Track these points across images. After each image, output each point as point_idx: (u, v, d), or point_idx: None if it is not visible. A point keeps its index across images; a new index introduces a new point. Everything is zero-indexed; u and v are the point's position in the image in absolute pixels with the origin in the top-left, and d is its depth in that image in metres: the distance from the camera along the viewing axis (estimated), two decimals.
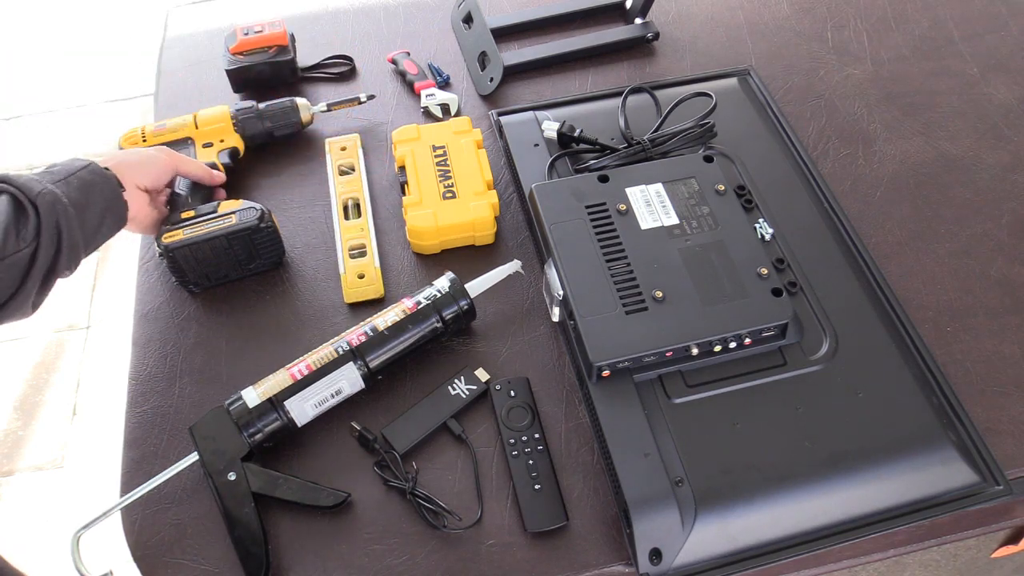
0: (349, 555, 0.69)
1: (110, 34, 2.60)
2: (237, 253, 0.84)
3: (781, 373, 0.74)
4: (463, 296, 0.79)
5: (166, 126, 0.93)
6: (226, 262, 0.84)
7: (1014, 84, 1.02)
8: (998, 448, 0.72)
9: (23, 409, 1.76)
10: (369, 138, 1.00)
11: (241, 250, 0.84)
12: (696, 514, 0.67)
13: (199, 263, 0.83)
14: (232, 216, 0.83)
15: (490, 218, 0.87)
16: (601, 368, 0.72)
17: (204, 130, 0.93)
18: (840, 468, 0.69)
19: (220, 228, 0.82)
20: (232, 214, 0.83)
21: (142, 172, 0.81)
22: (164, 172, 0.84)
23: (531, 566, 0.68)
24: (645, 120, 0.94)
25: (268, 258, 0.86)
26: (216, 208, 0.84)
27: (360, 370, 0.75)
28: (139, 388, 0.80)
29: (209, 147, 0.92)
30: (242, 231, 0.82)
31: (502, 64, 1.02)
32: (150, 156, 0.83)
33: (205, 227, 0.82)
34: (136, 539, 0.71)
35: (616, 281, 0.75)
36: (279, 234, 0.86)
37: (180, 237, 0.81)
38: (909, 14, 1.12)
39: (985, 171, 0.94)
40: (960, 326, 0.81)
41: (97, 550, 0.77)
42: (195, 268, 0.83)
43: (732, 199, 0.81)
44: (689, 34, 1.10)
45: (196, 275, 0.84)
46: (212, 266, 0.84)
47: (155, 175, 0.83)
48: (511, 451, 0.73)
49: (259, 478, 0.71)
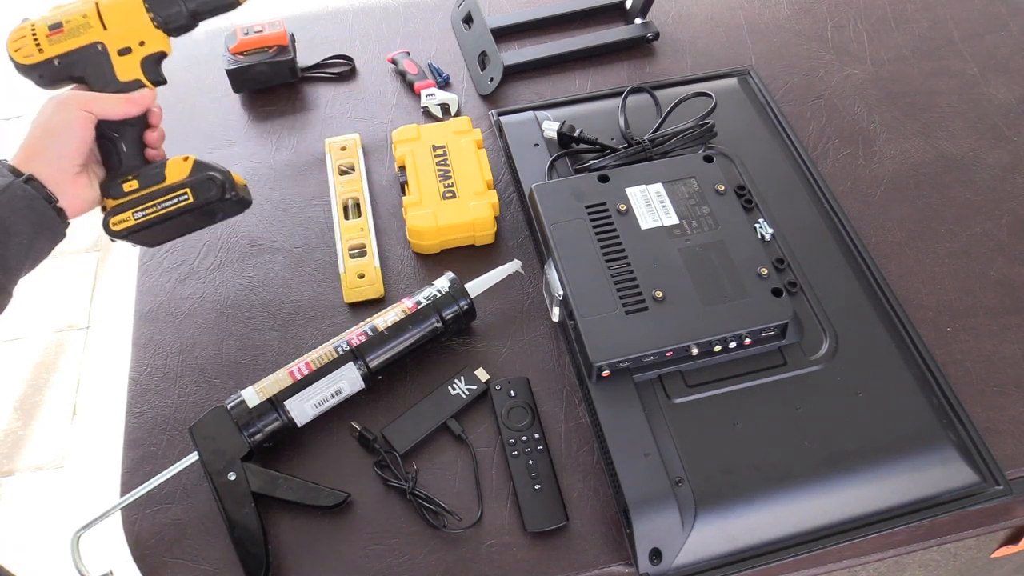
0: (349, 555, 0.69)
1: None
2: (199, 220, 0.76)
3: (781, 373, 0.74)
4: (463, 296, 0.79)
5: (63, 26, 0.71)
6: (187, 227, 0.77)
7: (1014, 84, 1.02)
8: (998, 448, 0.72)
9: (23, 409, 1.76)
10: (369, 138, 1.00)
11: (203, 218, 0.76)
12: (696, 514, 0.67)
13: (155, 238, 0.76)
14: (185, 191, 0.73)
15: (490, 218, 0.87)
16: (601, 368, 0.72)
17: (116, 30, 0.71)
18: (840, 468, 0.69)
19: (174, 208, 0.73)
20: (185, 188, 0.73)
21: (65, 155, 0.69)
22: (85, 136, 0.70)
23: (531, 566, 0.68)
24: (645, 120, 0.94)
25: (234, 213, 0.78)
26: (163, 177, 0.73)
27: (360, 370, 0.75)
28: (139, 388, 0.80)
29: (127, 54, 0.72)
30: (201, 206, 0.73)
31: (502, 64, 1.02)
32: (64, 126, 0.69)
33: (156, 208, 0.72)
34: (136, 539, 0.71)
35: (616, 281, 0.75)
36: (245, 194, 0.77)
37: (130, 223, 0.72)
38: (909, 14, 1.12)
39: (985, 171, 0.94)
40: (960, 326, 0.81)
41: (97, 550, 0.77)
42: (152, 241, 0.76)
43: (732, 199, 0.81)
44: (689, 34, 1.10)
45: (153, 242, 0.77)
46: (171, 233, 0.76)
47: (77, 147, 0.70)
48: (511, 451, 0.73)
49: (259, 478, 0.71)
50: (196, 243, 0.89)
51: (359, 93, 1.04)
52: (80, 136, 0.70)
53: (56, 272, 1.98)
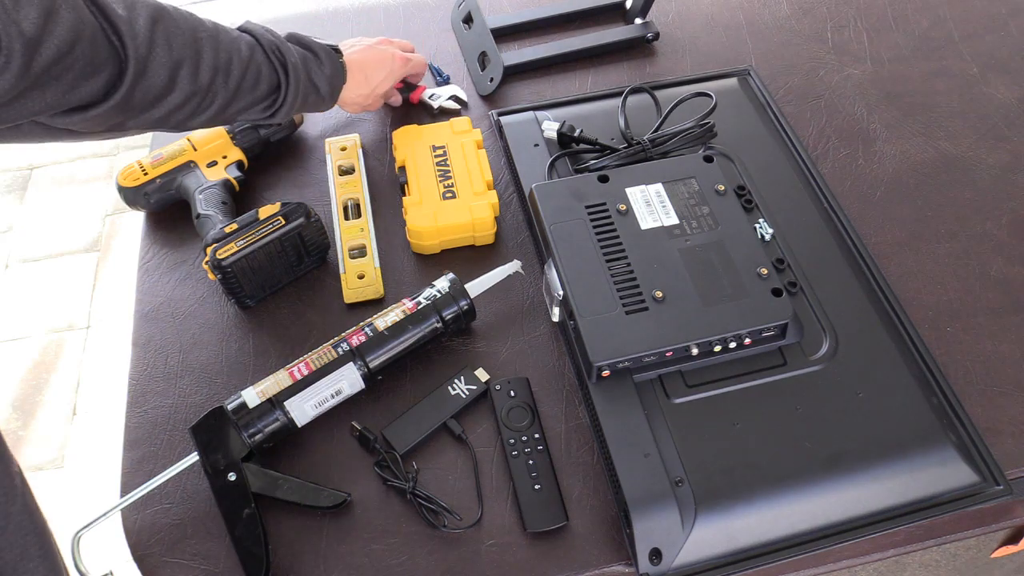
0: (349, 555, 0.69)
1: None
2: (288, 255, 0.84)
3: (781, 373, 0.74)
4: (463, 296, 0.79)
5: (164, 155, 0.91)
6: (280, 267, 0.84)
7: (1014, 84, 1.02)
8: (998, 448, 0.72)
9: (23, 409, 1.76)
10: (369, 138, 1.00)
11: (292, 251, 0.84)
12: (696, 514, 0.67)
13: (255, 273, 0.82)
14: (278, 218, 0.82)
15: (490, 218, 0.87)
16: (601, 368, 0.72)
17: (204, 151, 0.91)
18: (840, 468, 0.69)
19: (271, 232, 0.81)
20: (277, 216, 0.82)
21: (371, 81, 0.91)
22: (391, 81, 0.95)
23: (531, 566, 0.68)
24: (645, 120, 0.94)
25: (316, 255, 0.87)
26: (257, 216, 0.83)
27: (360, 370, 0.75)
28: (139, 388, 0.80)
29: (214, 166, 0.91)
30: (293, 230, 0.82)
31: (502, 64, 1.02)
32: (388, 69, 0.93)
33: (255, 235, 0.81)
34: (136, 539, 0.71)
35: (616, 281, 0.75)
36: (324, 227, 0.86)
37: (234, 250, 0.80)
38: (909, 14, 1.12)
39: (985, 171, 0.94)
40: (960, 326, 0.81)
41: (97, 550, 0.77)
42: (251, 279, 0.82)
43: (732, 199, 0.81)
44: (689, 34, 1.10)
45: (252, 287, 0.83)
46: (267, 274, 0.83)
47: (382, 83, 0.93)
48: (511, 451, 0.73)
49: (259, 478, 0.71)
50: (196, 243, 0.89)
51: None
52: (390, 80, 0.95)
53: (56, 272, 1.98)
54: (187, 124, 0.73)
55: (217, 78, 0.71)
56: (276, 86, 0.77)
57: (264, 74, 0.76)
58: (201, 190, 0.88)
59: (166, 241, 0.92)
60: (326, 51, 0.82)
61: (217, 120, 0.75)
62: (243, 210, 0.87)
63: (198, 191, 0.88)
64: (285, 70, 0.77)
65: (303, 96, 0.80)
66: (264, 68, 0.75)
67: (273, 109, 0.78)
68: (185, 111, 0.70)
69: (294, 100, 0.79)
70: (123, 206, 0.92)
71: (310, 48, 0.82)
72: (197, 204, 0.87)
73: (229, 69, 0.72)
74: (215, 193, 0.88)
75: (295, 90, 0.78)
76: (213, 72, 0.70)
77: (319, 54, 0.82)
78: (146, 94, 0.66)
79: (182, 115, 0.71)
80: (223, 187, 0.89)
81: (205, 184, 0.89)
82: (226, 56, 0.72)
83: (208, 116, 0.73)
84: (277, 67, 0.77)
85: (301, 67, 0.79)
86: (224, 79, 0.72)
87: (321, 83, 0.82)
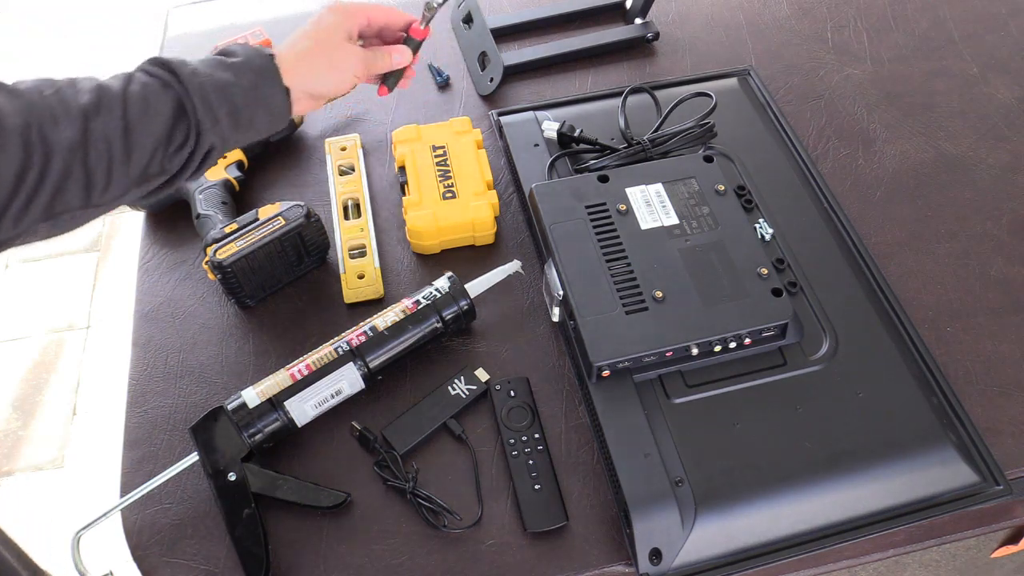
0: (349, 555, 0.69)
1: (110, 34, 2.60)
2: (288, 255, 0.84)
3: (781, 373, 0.74)
4: (463, 296, 0.79)
5: None
6: (280, 267, 0.84)
7: (1014, 84, 1.02)
8: (998, 448, 0.72)
9: (23, 409, 1.76)
10: (369, 138, 1.00)
11: (292, 251, 0.84)
12: (696, 514, 0.67)
13: (255, 273, 0.82)
14: (278, 219, 0.82)
15: (490, 218, 0.87)
16: (601, 368, 0.72)
17: None
18: (840, 468, 0.69)
19: (271, 232, 0.81)
20: (277, 216, 0.82)
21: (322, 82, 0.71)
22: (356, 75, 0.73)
23: (531, 566, 0.68)
24: (645, 120, 0.93)
25: (316, 255, 0.87)
26: (256, 216, 0.83)
27: (360, 370, 0.75)
28: (139, 388, 0.80)
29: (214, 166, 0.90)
30: (293, 230, 0.82)
31: (502, 64, 1.02)
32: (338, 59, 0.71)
33: (255, 235, 0.81)
34: (136, 539, 0.71)
35: (616, 281, 0.75)
36: (324, 227, 0.86)
37: (234, 250, 0.80)
38: (909, 14, 1.12)
39: (985, 171, 0.94)
40: (960, 326, 0.81)
41: (97, 550, 0.77)
42: (251, 279, 0.82)
43: (732, 199, 0.81)
44: (689, 34, 1.10)
45: (252, 287, 0.83)
46: (267, 274, 0.83)
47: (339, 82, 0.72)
48: (511, 451, 0.73)
49: (259, 478, 0.71)
50: (196, 243, 0.89)
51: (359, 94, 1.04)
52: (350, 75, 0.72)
53: (56, 272, 1.98)
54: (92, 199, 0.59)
55: (91, 122, 0.58)
56: (178, 104, 0.62)
57: (152, 93, 0.61)
58: (201, 190, 0.88)
59: (166, 241, 0.91)
60: (240, 45, 0.68)
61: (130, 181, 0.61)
62: (243, 210, 0.87)
63: (198, 191, 0.88)
64: (176, 76, 0.62)
65: (222, 93, 0.63)
66: (151, 88, 0.61)
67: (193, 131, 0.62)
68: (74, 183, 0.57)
69: (210, 103, 0.63)
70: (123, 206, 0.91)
71: (219, 52, 0.68)
72: (197, 204, 0.87)
73: (99, 109, 0.58)
74: (215, 193, 0.88)
75: (201, 90, 0.62)
76: (82, 119, 0.57)
77: (228, 48, 0.68)
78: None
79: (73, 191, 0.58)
80: (223, 187, 0.89)
81: (205, 184, 0.89)
82: (91, 98, 0.59)
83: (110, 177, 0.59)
84: (167, 78, 0.62)
85: (199, 65, 0.64)
86: (105, 119, 0.58)
87: (239, 68, 0.65)
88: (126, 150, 0.60)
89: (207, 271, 0.82)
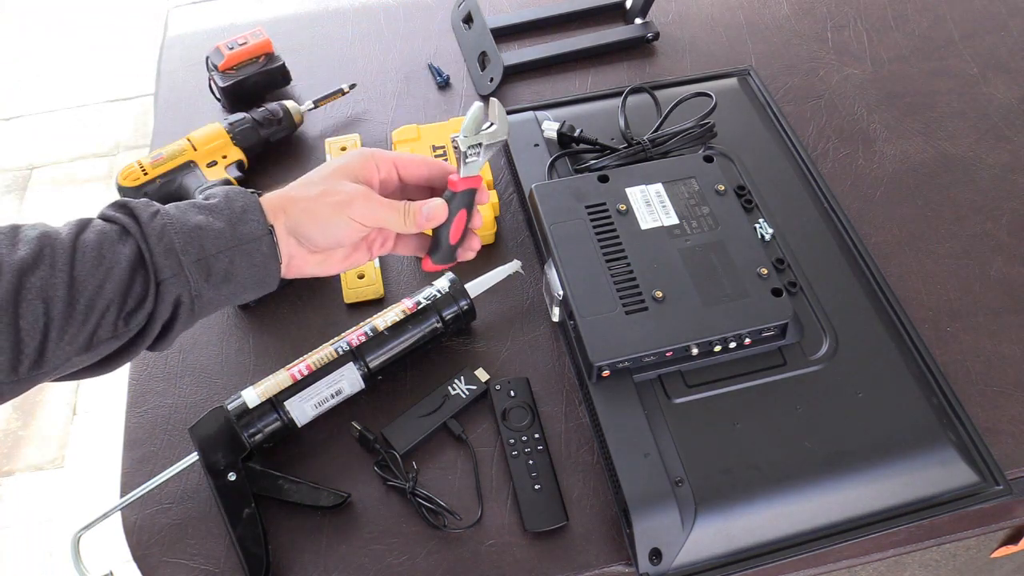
0: (349, 555, 0.69)
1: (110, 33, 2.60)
2: None
3: (781, 373, 0.74)
4: (463, 296, 0.79)
5: (164, 155, 0.90)
6: None
7: (1014, 84, 1.02)
8: (998, 448, 0.72)
9: (23, 409, 1.76)
10: (369, 138, 1.00)
11: None
12: (696, 514, 0.67)
13: None
14: None
15: (490, 218, 0.87)
16: (601, 368, 0.72)
17: (204, 150, 0.91)
18: (840, 468, 0.69)
19: None
20: None
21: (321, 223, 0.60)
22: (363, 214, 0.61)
23: (531, 566, 0.68)
24: (645, 120, 0.93)
25: None
26: None
27: (360, 370, 0.75)
28: (139, 388, 0.80)
29: (214, 166, 0.91)
30: None
31: (502, 64, 1.02)
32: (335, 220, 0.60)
33: None
34: (136, 539, 0.71)
35: (616, 281, 0.75)
36: None
37: None
38: (909, 14, 1.12)
39: (985, 171, 0.94)
40: (960, 326, 0.81)
41: (97, 550, 0.77)
42: None
43: (732, 199, 0.81)
44: (689, 34, 1.10)
45: None
46: None
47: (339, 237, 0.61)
48: (511, 451, 0.73)
49: (259, 478, 0.71)
50: None
51: (359, 93, 1.04)
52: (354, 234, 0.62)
53: None
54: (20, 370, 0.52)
55: (26, 277, 0.50)
56: (136, 254, 0.53)
57: (108, 242, 0.53)
58: (201, 190, 0.88)
59: None
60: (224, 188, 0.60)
61: (73, 348, 0.52)
62: None
63: (198, 191, 0.88)
64: (136, 219, 0.54)
65: (189, 236, 0.55)
66: (107, 235, 0.53)
67: (152, 283, 0.54)
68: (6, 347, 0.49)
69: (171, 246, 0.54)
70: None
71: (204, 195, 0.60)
72: None
73: (38, 261, 0.51)
74: None
75: (160, 231, 0.54)
76: (14, 274, 0.49)
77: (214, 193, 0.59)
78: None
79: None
80: None
81: (205, 184, 0.89)
82: (31, 248, 0.51)
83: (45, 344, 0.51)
84: (126, 223, 0.54)
85: (171, 210, 0.56)
86: (45, 273, 0.50)
87: (212, 208, 0.57)
88: (68, 310, 0.51)
89: None
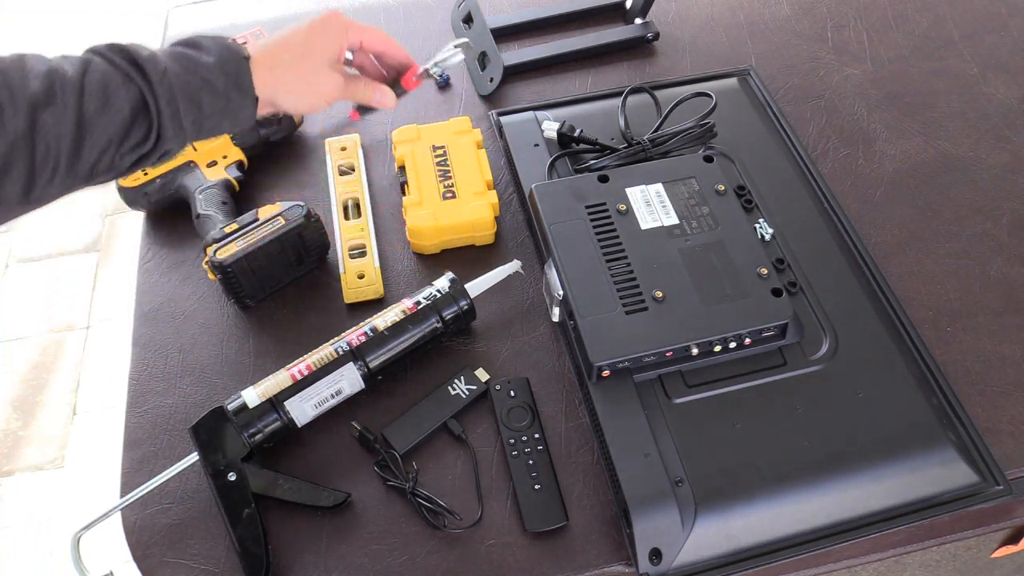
0: (349, 555, 0.69)
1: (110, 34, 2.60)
2: (288, 255, 0.84)
3: (781, 373, 0.74)
4: (463, 296, 0.79)
5: None
6: (280, 267, 0.84)
7: (1014, 84, 1.02)
8: (998, 448, 0.72)
9: (23, 409, 1.76)
10: (369, 138, 1.00)
11: (292, 251, 0.84)
12: (696, 514, 0.67)
13: (255, 273, 0.82)
14: (278, 219, 0.82)
15: (490, 218, 0.87)
16: (601, 368, 0.72)
17: (204, 150, 0.91)
18: (840, 468, 0.69)
19: (271, 232, 0.81)
20: (277, 216, 0.82)
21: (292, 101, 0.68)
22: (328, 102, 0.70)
23: (531, 566, 0.68)
24: (645, 120, 0.93)
25: (316, 255, 0.86)
26: (256, 216, 0.83)
27: (360, 370, 0.75)
28: (139, 388, 0.80)
29: (214, 166, 0.91)
30: (293, 230, 0.82)
31: (502, 64, 1.02)
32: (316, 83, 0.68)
33: (255, 235, 0.81)
34: (136, 539, 0.71)
35: (616, 281, 0.75)
36: (324, 227, 0.86)
37: (234, 250, 0.80)
38: (909, 14, 1.12)
39: (985, 171, 0.94)
40: (960, 326, 0.81)
41: (97, 550, 0.77)
42: (251, 280, 0.82)
43: (732, 199, 0.81)
44: (689, 34, 1.10)
45: (252, 287, 0.83)
46: (267, 274, 0.83)
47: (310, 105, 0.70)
48: (511, 451, 0.73)
49: (259, 478, 0.71)
50: (196, 243, 0.89)
51: None
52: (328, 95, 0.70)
53: (56, 272, 1.98)
54: (32, 196, 0.55)
55: (40, 113, 0.53)
56: (140, 102, 0.58)
57: (113, 86, 0.56)
58: (201, 190, 0.88)
59: (166, 241, 0.92)
60: (211, 38, 0.64)
61: (75, 179, 0.57)
62: (243, 210, 0.87)
63: (198, 191, 0.88)
64: (142, 71, 0.57)
65: (191, 100, 0.60)
66: (112, 79, 0.56)
67: (154, 134, 0.59)
68: (14, 178, 0.54)
69: (176, 109, 0.59)
70: (123, 206, 0.91)
71: (187, 43, 0.63)
72: (197, 204, 0.87)
73: (50, 98, 0.53)
74: (215, 193, 0.88)
75: (169, 93, 0.58)
76: (29, 109, 0.52)
77: (200, 42, 0.63)
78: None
79: (10, 187, 0.54)
80: (223, 187, 0.89)
81: (205, 184, 0.89)
82: (41, 84, 0.53)
83: (55, 174, 0.55)
84: (130, 71, 0.57)
85: (169, 61, 0.59)
86: (57, 111, 0.53)
87: (211, 73, 0.61)
88: (76, 146, 0.55)
89: (207, 271, 0.82)
